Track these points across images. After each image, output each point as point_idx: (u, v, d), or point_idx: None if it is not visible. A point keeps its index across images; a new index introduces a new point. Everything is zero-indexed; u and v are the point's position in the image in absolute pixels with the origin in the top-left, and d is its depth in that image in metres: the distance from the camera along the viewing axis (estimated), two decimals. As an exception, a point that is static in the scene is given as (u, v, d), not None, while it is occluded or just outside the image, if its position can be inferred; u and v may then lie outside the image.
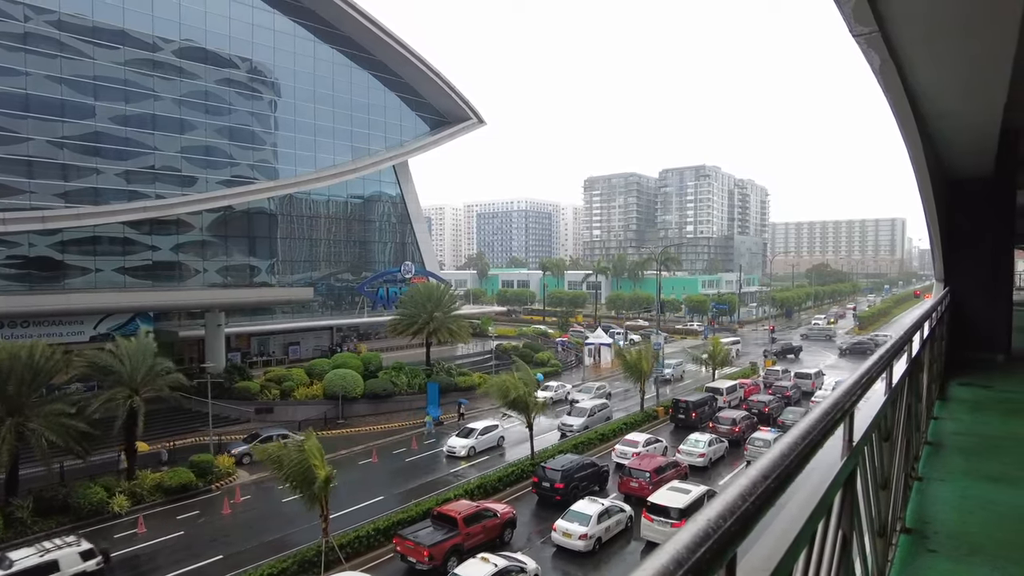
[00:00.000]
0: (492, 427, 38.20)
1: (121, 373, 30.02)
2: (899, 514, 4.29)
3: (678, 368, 59.65)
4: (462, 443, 35.97)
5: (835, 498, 2.08)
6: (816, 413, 1.96)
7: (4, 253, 42.90)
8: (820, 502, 1.83)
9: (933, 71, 6.47)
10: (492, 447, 37.05)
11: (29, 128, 43.31)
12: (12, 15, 42.58)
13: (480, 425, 37.90)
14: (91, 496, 26.57)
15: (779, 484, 1.41)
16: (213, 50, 53.16)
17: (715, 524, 1.12)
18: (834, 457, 2.20)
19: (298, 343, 56.70)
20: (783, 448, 1.58)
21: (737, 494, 1.26)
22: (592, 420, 40.74)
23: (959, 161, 10.53)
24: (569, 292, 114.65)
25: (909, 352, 4.74)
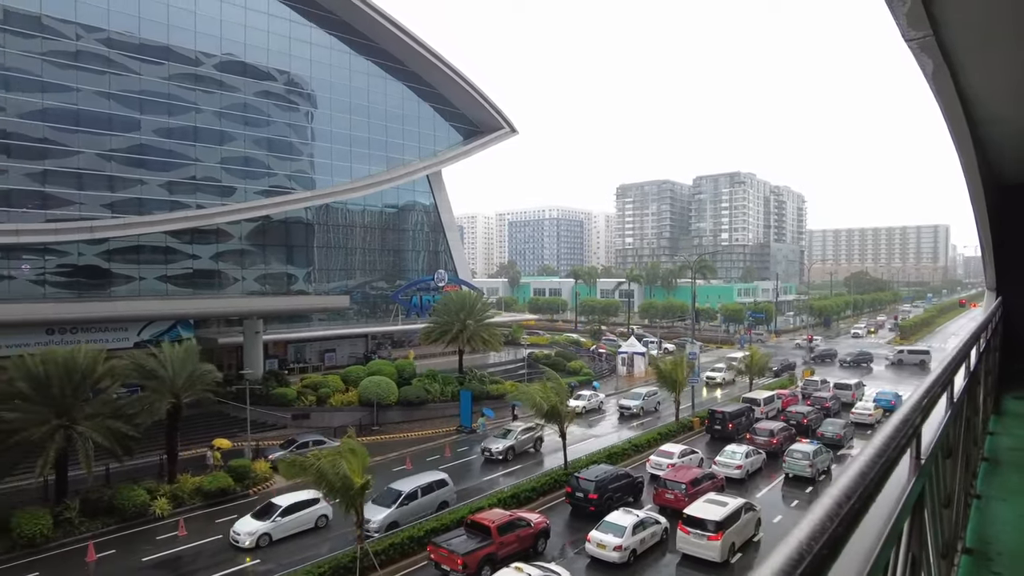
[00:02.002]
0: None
1: (163, 378, 30.77)
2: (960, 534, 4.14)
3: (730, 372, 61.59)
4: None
5: (906, 520, 2.02)
6: (888, 430, 1.90)
7: (55, 262, 44.50)
8: (893, 525, 1.76)
9: (987, 76, 6.30)
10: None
11: (80, 142, 44.94)
12: (65, 34, 44.33)
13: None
14: (134, 498, 27.25)
15: (862, 504, 1.37)
16: (252, 63, 54.52)
17: (807, 547, 1.08)
18: (902, 477, 2.13)
19: (334, 350, 57.47)
20: (861, 467, 1.53)
21: (823, 515, 1.22)
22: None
23: (1011, 166, 10.20)
24: (601, 300, 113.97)
25: (967, 365, 4.58)
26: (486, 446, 36.77)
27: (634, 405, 48.14)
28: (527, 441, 37.73)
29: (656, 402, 49.34)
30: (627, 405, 48.31)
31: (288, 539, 25.34)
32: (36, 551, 23.97)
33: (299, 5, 57.60)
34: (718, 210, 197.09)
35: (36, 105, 43.14)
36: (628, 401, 48.79)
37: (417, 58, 64.37)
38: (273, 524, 25.33)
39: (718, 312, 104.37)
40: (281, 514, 25.63)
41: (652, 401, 49.25)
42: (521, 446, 37.20)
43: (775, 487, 32.18)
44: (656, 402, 49.34)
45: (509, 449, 36.44)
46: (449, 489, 28.50)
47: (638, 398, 48.87)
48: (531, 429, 37.88)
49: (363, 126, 62.98)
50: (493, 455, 36.11)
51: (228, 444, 35.65)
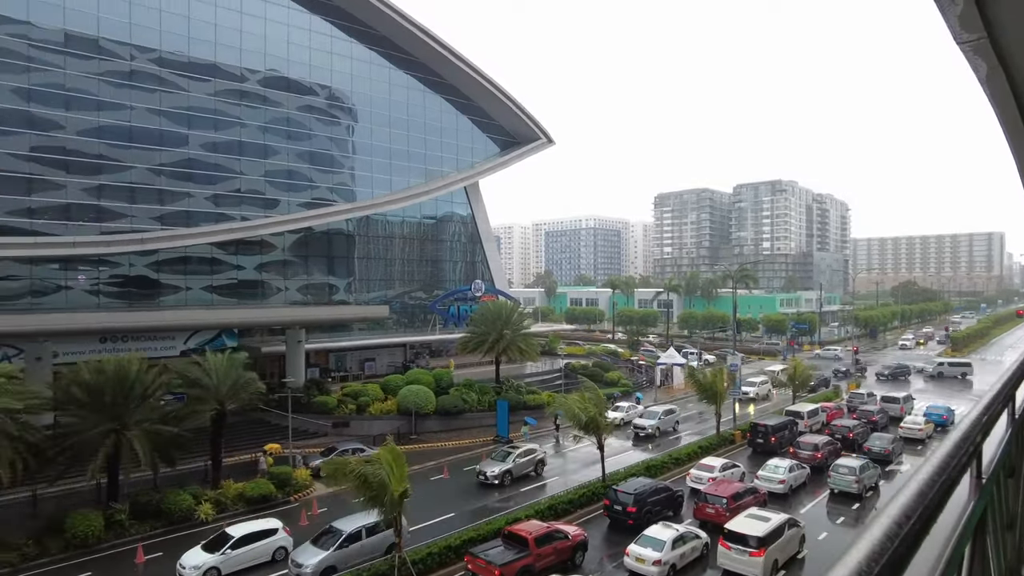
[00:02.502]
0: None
1: (208, 386, 31.56)
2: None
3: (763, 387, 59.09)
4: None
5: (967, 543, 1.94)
6: (947, 447, 1.84)
7: (108, 272, 46.21)
8: (954, 548, 1.70)
9: None
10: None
11: (132, 157, 46.71)
12: (120, 55, 46.24)
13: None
14: (181, 503, 27.98)
15: (923, 525, 1.33)
16: (295, 78, 55.95)
17: (866, 568, 1.05)
18: (962, 497, 2.05)
19: (373, 359, 58.16)
20: (920, 486, 1.49)
21: (882, 535, 1.18)
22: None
23: None
24: (639, 311, 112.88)
25: None
26: (481, 469, 34.02)
27: (649, 425, 44.15)
28: (526, 464, 34.78)
29: (674, 421, 46.03)
30: (641, 425, 44.13)
31: (241, 573, 23.43)
32: (89, 551, 24.77)
33: (340, 21, 58.98)
34: (759, 219, 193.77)
35: (93, 123, 45.05)
36: (643, 420, 44.67)
37: (455, 71, 65.18)
38: (223, 557, 23.10)
39: (760, 323, 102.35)
40: (233, 546, 23.31)
41: (669, 421, 45.74)
42: (520, 470, 34.21)
43: (820, 503, 31.29)
44: (674, 421, 46.03)
45: (506, 473, 33.52)
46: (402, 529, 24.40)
47: (654, 417, 45.12)
48: (531, 451, 35.59)
49: (402, 139, 63.97)
50: (488, 479, 33.22)
51: (279, 449, 36.30)
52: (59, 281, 44.26)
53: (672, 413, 46.51)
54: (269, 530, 24.67)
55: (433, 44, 62.05)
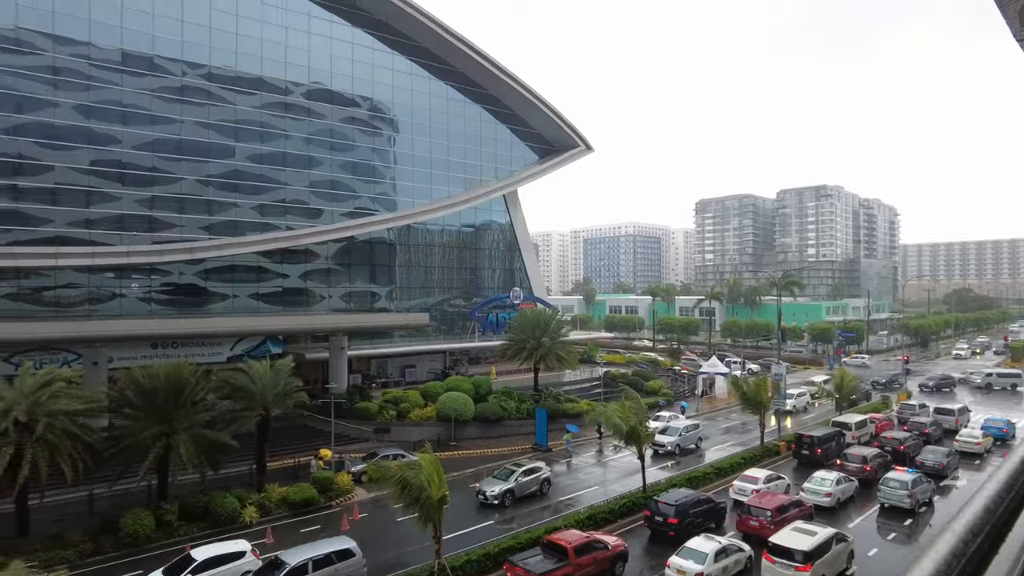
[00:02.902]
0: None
1: (254, 392, 32.33)
2: None
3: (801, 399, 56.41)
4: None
5: None
6: (1015, 462, 1.80)
7: (159, 280, 47.87)
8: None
9: None
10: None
11: (182, 169, 48.40)
12: (173, 71, 48.05)
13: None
14: (226, 506, 28.67)
15: (992, 543, 1.30)
16: (338, 91, 57.22)
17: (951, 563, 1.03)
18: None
19: (414, 366, 58.84)
20: (987, 502, 1.46)
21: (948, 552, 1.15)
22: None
23: None
24: (680, 319, 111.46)
25: None
26: (481, 488, 31.99)
27: (668, 442, 41.33)
28: (530, 483, 32.72)
29: (697, 438, 43.31)
30: (660, 442, 41.00)
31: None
32: (140, 550, 25.59)
33: (382, 34, 60.12)
34: (804, 225, 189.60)
35: (147, 137, 46.84)
36: (663, 437, 41.67)
37: (495, 81, 65.74)
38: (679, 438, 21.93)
39: (805, 331, 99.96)
40: (195, 570, 21.72)
41: (692, 437, 42.95)
42: (523, 489, 32.22)
43: (869, 517, 30.31)
44: (697, 438, 43.31)
45: (507, 493, 31.46)
46: (355, 562, 22.62)
47: (675, 433, 42.17)
48: (536, 470, 33.45)
49: (442, 148, 64.79)
50: (487, 500, 31.15)
51: (330, 454, 36.94)
52: (114, 289, 46.04)
53: (695, 429, 43.84)
54: (236, 553, 22.98)
55: (473, 55, 62.73)
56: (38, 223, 42.68)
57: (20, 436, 23.74)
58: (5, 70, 41.56)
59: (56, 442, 24.45)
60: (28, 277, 42.75)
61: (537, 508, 31.29)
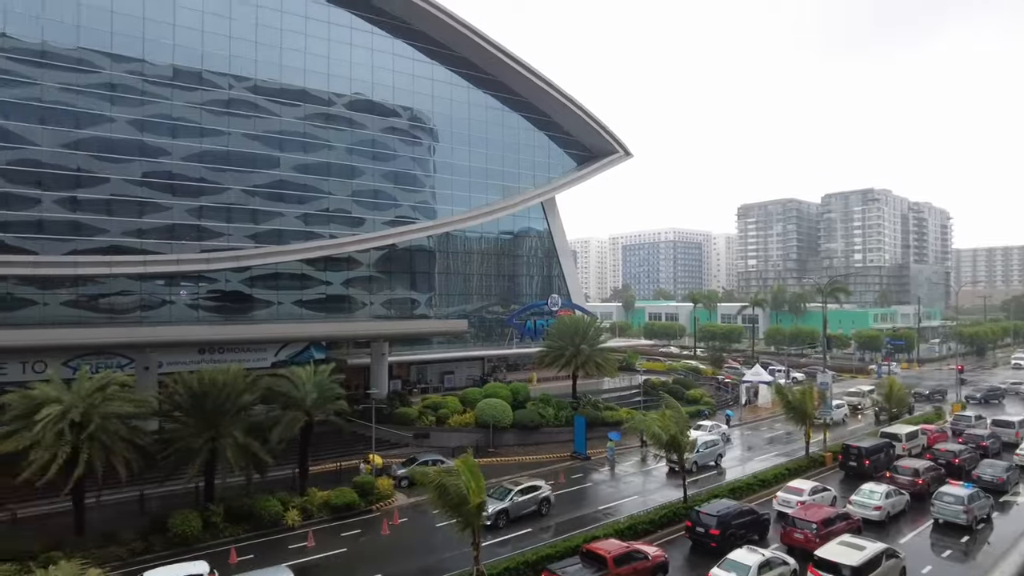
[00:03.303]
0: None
1: (297, 398, 32.94)
2: None
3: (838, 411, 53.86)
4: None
5: None
6: None
7: (206, 288, 49.33)
8: None
9: None
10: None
11: (228, 179, 49.87)
12: (220, 84, 49.62)
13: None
14: (270, 508, 29.27)
15: None
16: (379, 101, 58.27)
17: None
18: None
19: (452, 372, 59.22)
20: None
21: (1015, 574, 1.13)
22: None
23: None
24: (722, 326, 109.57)
25: None
26: None
27: (692, 460, 37.72)
28: (527, 503, 30.76)
29: (717, 455, 40.82)
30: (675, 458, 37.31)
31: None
32: (188, 549, 26.28)
33: (422, 44, 61.00)
34: (850, 229, 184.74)
35: (196, 149, 48.44)
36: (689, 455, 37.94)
37: (533, 88, 65.99)
38: None
39: (851, 339, 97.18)
40: None
41: (710, 454, 40.36)
42: (519, 509, 30.29)
43: (922, 533, 29.21)
44: (717, 455, 40.82)
45: (501, 513, 29.57)
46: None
47: (692, 449, 37.33)
48: (534, 488, 31.39)
49: (481, 156, 65.31)
50: None
51: (380, 461, 37.39)
52: (164, 296, 47.62)
53: (714, 445, 41.00)
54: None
55: (511, 63, 63.12)
56: (94, 233, 44.50)
57: (76, 437, 24.70)
58: (67, 88, 43.56)
59: (109, 443, 25.36)
60: (85, 285, 44.55)
61: (536, 529, 29.48)
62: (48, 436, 24.12)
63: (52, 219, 43.10)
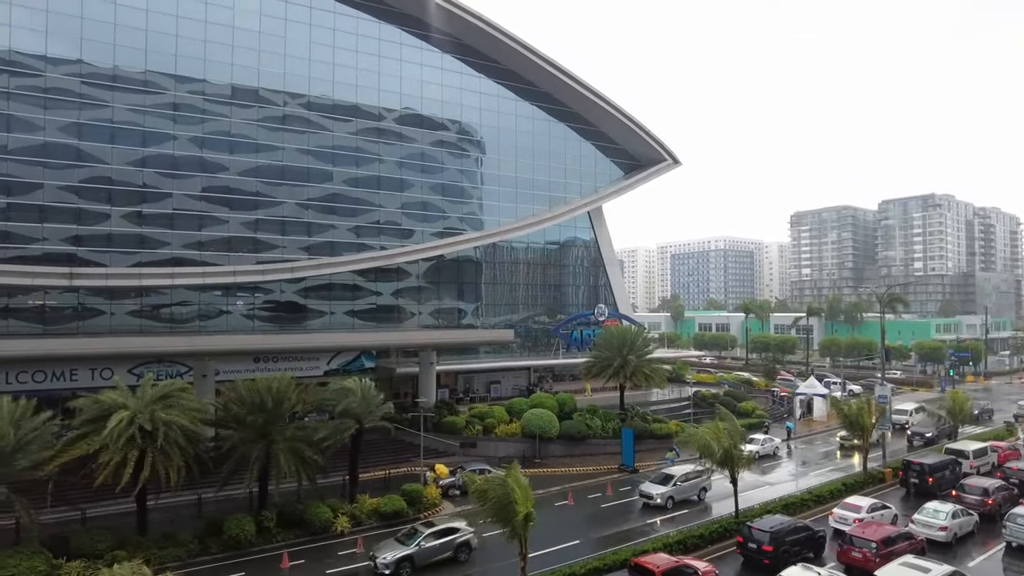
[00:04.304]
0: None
1: (348, 406, 33.58)
2: None
3: None
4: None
5: None
6: None
7: (262, 298, 50.90)
8: None
9: None
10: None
11: (283, 193, 51.46)
12: (275, 102, 51.39)
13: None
14: (320, 515, 29.87)
15: None
16: (428, 115, 59.33)
17: None
18: None
19: (499, 382, 59.43)
20: None
21: None
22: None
23: None
24: (775, 336, 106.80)
25: None
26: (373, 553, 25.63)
27: (658, 493, 33.80)
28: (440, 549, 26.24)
29: (700, 487, 35.46)
30: (647, 492, 34.30)
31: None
32: (242, 553, 27.07)
33: (469, 58, 61.88)
34: (909, 237, 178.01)
35: (252, 164, 50.20)
36: (650, 486, 34.73)
37: (579, 98, 66.08)
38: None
39: (911, 351, 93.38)
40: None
41: (691, 487, 35.13)
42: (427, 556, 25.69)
43: (993, 557, 27.77)
44: (700, 487, 35.46)
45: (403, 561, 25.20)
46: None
47: (668, 482, 34.54)
48: (451, 532, 27.04)
49: (527, 167, 65.66)
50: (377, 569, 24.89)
51: (446, 471, 37.79)
52: (221, 306, 49.35)
53: (697, 476, 35.77)
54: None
55: (557, 73, 63.38)
56: (157, 246, 46.51)
57: (144, 442, 25.74)
58: (135, 108, 45.82)
59: (169, 449, 26.34)
60: (148, 295, 46.56)
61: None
62: (119, 440, 25.15)
63: (120, 233, 45.26)
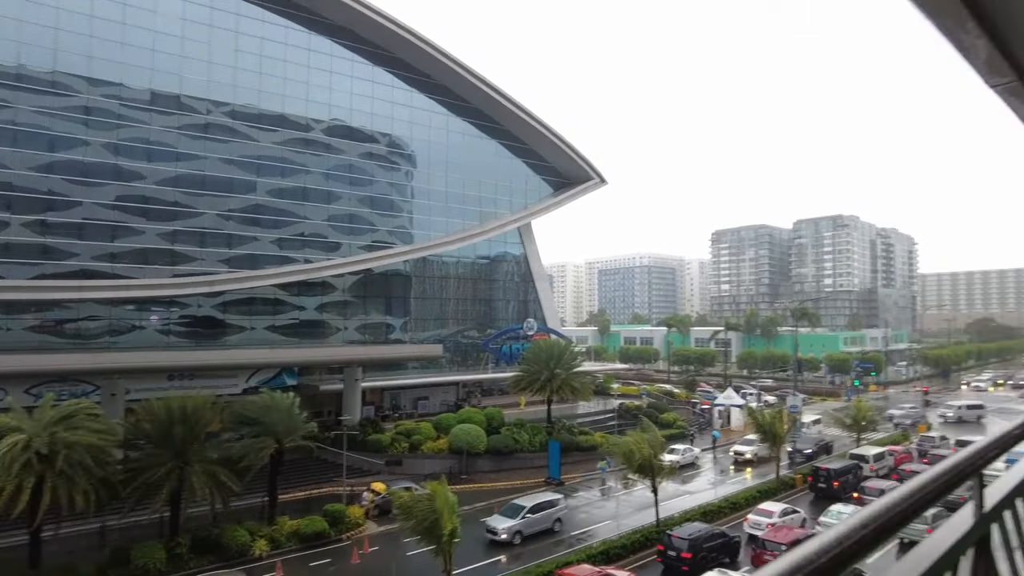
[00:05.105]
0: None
1: (267, 425, 32.60)
2: None
3: None
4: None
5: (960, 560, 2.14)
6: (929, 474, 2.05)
7: (178, 313, 48.76)
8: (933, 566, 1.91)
9: None
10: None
11: (203, 204, 49.62)
12: (197, 109, 49.65)
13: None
14: (237, 539, 28.80)
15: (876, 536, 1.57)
16: (358, 127, 58.71)
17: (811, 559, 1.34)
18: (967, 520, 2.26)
19: (427, 397, 58.91)
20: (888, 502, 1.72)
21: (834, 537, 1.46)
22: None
23: None
24: (696, 350, 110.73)
25: None
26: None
27: (503, 528, 30.03)
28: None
29: (553, 519, 32.18)
30: (493, 528, 30.40)
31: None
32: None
33: (401, 72, 61.70)
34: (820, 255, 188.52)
35: (171, 173, 48.22)
36: (497, 520, 30.78)
37: (509, 116, 66.97)
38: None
39: (822, 362, 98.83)
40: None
41: (543, 519, 31.53)
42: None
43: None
44: (553, 519, 32.18)
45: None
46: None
47: (515, 513, 30.75)
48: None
49: (459, 182, 65.87)
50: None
51: (384, 487, 36.80)
52: (134, 321, 46.96)
53: (552, 506, 32.45)
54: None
55: (488, 91, 64.09)
56: (64, 257, 43.87)
57: (41, 468, 24.13)
58: (42, 111, 43.21)
59: (72, 474, 24.80)
60: (51, 309, 43.78)
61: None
62: (13, 466, 23.45)
63: (20, 243, 42.42)
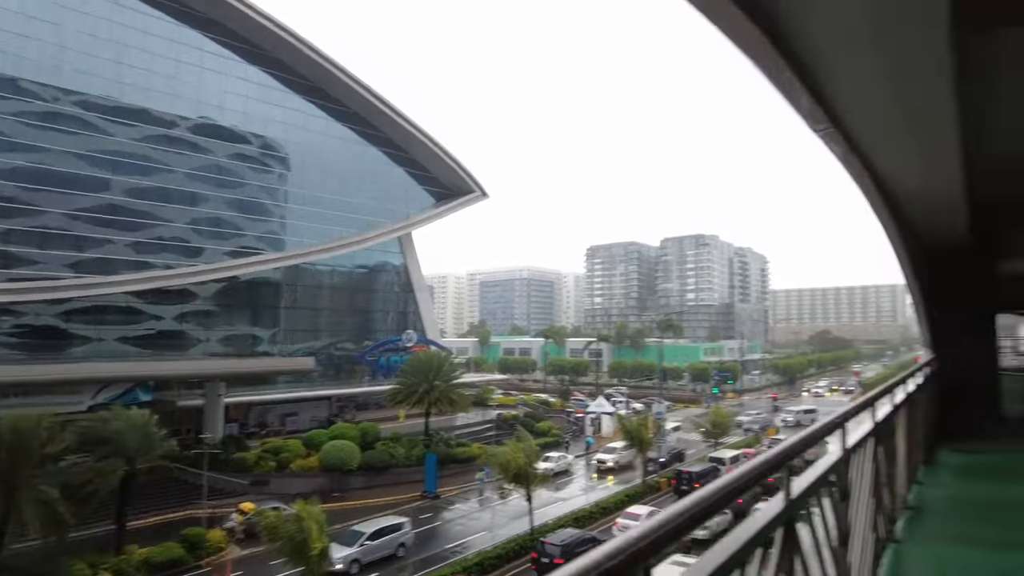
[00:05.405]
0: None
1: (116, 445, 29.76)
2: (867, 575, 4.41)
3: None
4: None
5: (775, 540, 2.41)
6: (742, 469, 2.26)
7: (11, 322, 43.42)
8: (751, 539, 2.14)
9: (891, 158, 6.94)
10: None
11: (46, 201, 44.67)
12: (41, 96, 44.72)
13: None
14: (75, 575, 25.88)
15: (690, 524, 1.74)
16: (228, 126, 55.45)
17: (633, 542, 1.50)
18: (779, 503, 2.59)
19: (296, 413, 56.09)
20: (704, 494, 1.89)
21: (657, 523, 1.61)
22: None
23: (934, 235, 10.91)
24: (571, 360, 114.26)
25: (872, 415, 4.91)
26: None
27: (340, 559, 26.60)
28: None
29: (396, 544, 29.97)
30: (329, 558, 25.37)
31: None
32: (-31, 631, 22.58)
33: (277, 72, 59.14)
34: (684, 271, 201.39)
35: (6, 165, 42.98)
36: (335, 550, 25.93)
37: (391, 124, 66.07)
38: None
39: (685, 371, 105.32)
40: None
41: (385, 545, 29.38)
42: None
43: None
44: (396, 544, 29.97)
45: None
46: None
47: (355, 540, 28.55)
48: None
49: (337, 188, 63.85)
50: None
51: (252, 507, 34.06)
52: (-46, 331, 41.25)
53: (395, 531, 30.22)
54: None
55: (368, 96, 62.90)
56: None
57: None
58: None
59: None
60: None
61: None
62: None
63: None
